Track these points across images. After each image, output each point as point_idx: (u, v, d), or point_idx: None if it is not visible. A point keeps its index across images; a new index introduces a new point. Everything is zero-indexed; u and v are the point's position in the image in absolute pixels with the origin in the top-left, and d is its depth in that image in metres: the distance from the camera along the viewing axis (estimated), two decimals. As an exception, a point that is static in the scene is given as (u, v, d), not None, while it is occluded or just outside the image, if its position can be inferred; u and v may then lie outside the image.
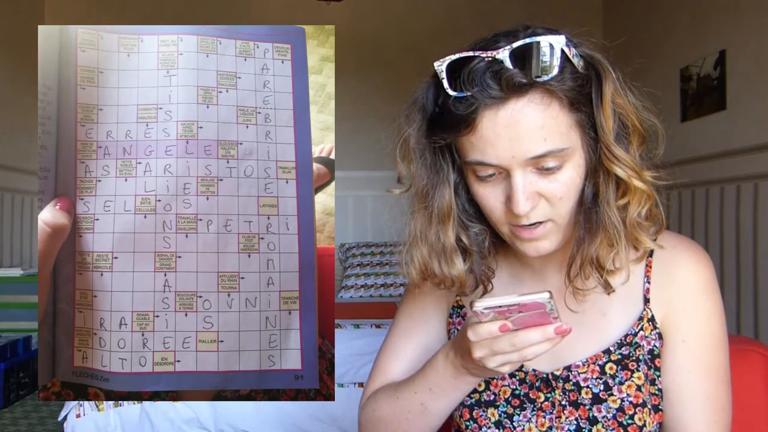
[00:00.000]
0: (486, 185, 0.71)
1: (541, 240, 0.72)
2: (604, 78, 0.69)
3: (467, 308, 0.85)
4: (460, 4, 4.14)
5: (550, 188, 0.69)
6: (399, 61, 4.11)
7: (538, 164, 0.68)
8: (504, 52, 0.66)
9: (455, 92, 0.68)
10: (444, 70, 0.69)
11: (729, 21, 2.79)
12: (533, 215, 0.69)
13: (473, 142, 0.68)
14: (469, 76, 0.67)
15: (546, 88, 0.66)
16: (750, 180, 2.62)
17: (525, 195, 0.68)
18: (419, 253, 0.77)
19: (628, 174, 0.69)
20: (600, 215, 0.71)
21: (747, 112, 2.64)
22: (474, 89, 0.66)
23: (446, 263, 0.76)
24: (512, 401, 0.79)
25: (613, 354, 0.77)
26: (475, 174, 0.71)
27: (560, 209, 0.70)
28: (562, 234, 0.73)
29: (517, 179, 0.68)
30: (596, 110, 0.69)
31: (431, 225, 0.76)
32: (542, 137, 0.66)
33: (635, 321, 0.77)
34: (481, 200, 0.73)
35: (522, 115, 0.66)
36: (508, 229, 0.72)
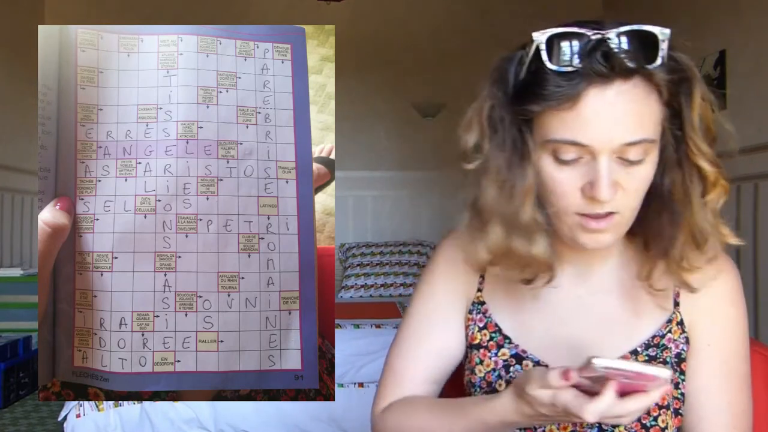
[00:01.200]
0: (564, 169, 0.68)
1: (605, 232, 0.70)
2: (694, 78, 0.68)
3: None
4: (460, 4, 4.14)
5: (627, 180, 0.67)
6: (399, 61, 4.11)
7: (624, 153, 0.66)
8: (613, 33, 0.64)
9: (556, 66, 0.65)
10: (544, 42, 0.66)
11: (729, 21, 2.79)
12: (609, 204, 0.68)
13: (567, 120, 0.66)
14: (575, 50, 0.65)
15: (649, 77, 0.65)
16: (750, 180, 2.62)
17: (610, 180, 0.66)
18: (495, 231, 0.73)
19: (714, 169, 0.69)
20: (686, 213, 0.71)
21: (747, 112, 2.64)
22: (582, 64, 0.64)
23: (528, 241, 0.72)
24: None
25: (641, 355, 0.76)
26: (555, 156, 0.68)
27: (632, 202, 0.69)
28: (623, 228, 0.72)
29: (603, 164, 0.66)
30: (686, 107, 0.68)
31: (511, 201, 0.71)
32: (639, 124, 0.65)
33: (664, 323, 0.77)
34: (555, 184, 0.69)
35: (626, 97, 0.65)
36: (572, 219, 0.70)
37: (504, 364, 0.80)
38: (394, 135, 4.16)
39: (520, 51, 0.71)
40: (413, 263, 3.61)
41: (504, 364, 0.80)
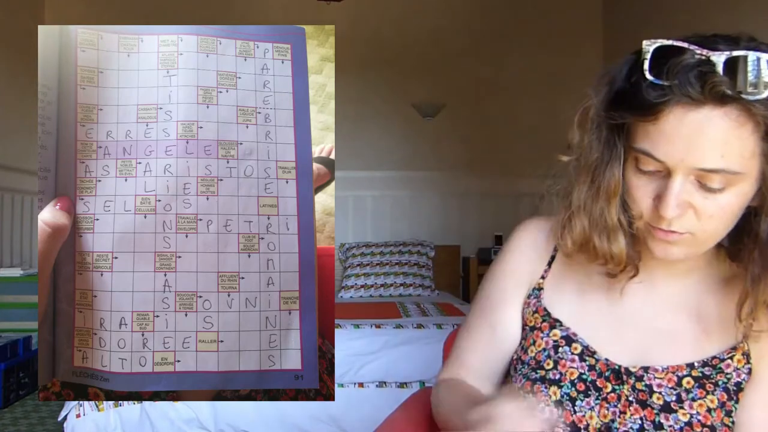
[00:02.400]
0: (642, 177, 0.70)
1: (673, 248, 0.71)
2: None
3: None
4: (459, 4, 4.14)
5: (704, 204, 0.67)
6: (399, 61, 4.11)
7: (702, 178, 0.66)
8: (720, 56, 0.62)
9: (653, 77, 0.65)
10: (650, 52, 0.66)
11: (729, 21, 2.79)
12: (675, 223, 0.68)
13: (649, 132, 0.66)
14: (674, 66, 0.64)
15: (747, 107, 0.62)
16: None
17: (676, 200, 0.66)
18: (580, 224, 0.77)
19: None
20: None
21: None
22: (673, 80, 0.63)
23: (608, 239, 0.75)
24: (577, 384, 0.78)
25: (695, 370, 0.76)
26: (636, 163, 0.70)
27: (706, 226, 0.69)
28: (697, 248, 0.71)
29: (675, 182, 0.66)
30: None
31: (597, 200, 0.75)
32: (720, 153, 0.63)
33: (728, 348, 0.76)
34: (632, 190, 0.71)
35: (711, 124, 0.63)
36: (643, 224, 0.72)
37: (554, 344, 0.81)
38: (394, 135, 4.16)
39: (633, 57, 0.71)
40: (413, 263, 3.61)
41: (554, 344, 0.81)
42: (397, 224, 4.13)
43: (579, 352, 0.80)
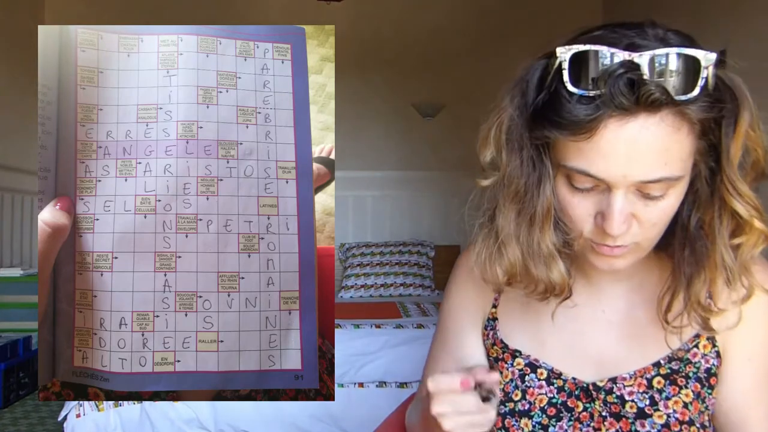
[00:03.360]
0: (577, 194, 0.65)
1: (618, 258, 0.67)
2: (742, 106, 0.62)
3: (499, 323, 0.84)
4: (459, 4, 4.14)
5: (646, 213, 0.63)
6: (399, 61, 4.11)
7: (643, 188, 0.62)
8: (644, 57, 0.59)
9: (577, 89, 0.60)
10: (567, 60, 0.61)
11: (729, 21, 2.79)
12: (621, 238, 0.64)
13: (583, 150, 0.61)
14: (598, 73, 0.59)
15: (680, 110, 0.59)
16: (750, 180, 2.62)
17: (622, 217, 0.62)
18: (513, 254, 0.69)
19: (749, 213, 0.64)
20: (710, 252, 0.66)
21: (747, 112, 2.63)
22: (603, 92, 0.58)
23: (546, 267, 0.69)
24: (548, 410, 0.76)
25: (663, 368, 0.74)
26: (569, 180, 0.65)
27: (650, 233, 0.66)
28: (640, 255, 0.69)
29: (617, 199, 0.62)
30: (726, 140, 0.62)
31: (530, 227, 0.68)
32: (663, 161, 0.60)
33: (690, 337, 0.74)
34: (568, 208, 0.66)
35: (649, 134, 0.59)
36: (585, 242, 0.67)
37: (520, 373, 0.79)
38: (394, 135, 4.16)
39: (543, 62, 0.66)
40: (413, 263, 3.61)
41: (520, 373, 0.79)
42: (397, 224, 4.13)
43: (545, 377, 0.77)
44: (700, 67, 0.59)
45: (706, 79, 0.59)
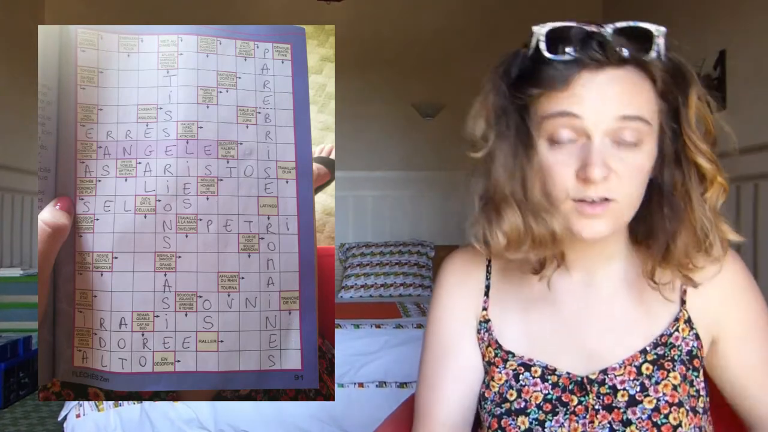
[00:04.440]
0: (559, 152, 0.70)
1: (599, 222, 0.70)
2: (690, 78, 0.72)
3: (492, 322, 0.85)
4: (460, 5, 4.14)
5: (622, 166, 0.69)
6: (399, 61, 4.11)
7: (618, 134, 0.69)
8: (607, 28, 0.69)
9: (553, 55, 0.69)
10: (543, 35, 0.71)
11: (729, 21, 2.79)
12: (602, 188, 0.69)
13: (560, 98, 0.69)
14: (571, 40, 0.69)
15: (643, 67, 0.69)
16: (750, 180, 2.62)
17: (600, 158, 0.68)
18: (511, 214, 0.73)
19: (711, 167, 0.72)
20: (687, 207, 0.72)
21: (747, 112, 2.64)
22: (577, 51, 0.68)
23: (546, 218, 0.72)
24: (544, 406, 0.78)
25: (649, 354, 0.77)
26: (551, 139, 0.71)
27: (627, 189, 0.70)
28: (618, 218, 0.72)
29: (596, 143, 0.68)
30: (682, 105, 0.71)
31: (524, 185, 0.73)
32: (631, 102, 0.69)
33: (671, 321, 0.78)
34: (551, 169, 0.71)
35: (616, 82, 0.69)
36: (568, 205, 0.71)
37: (514, 374, 0.80)
38: (394, 135, 4.16)
39: (521, 50, 0.74)
40: (413, 263, 3.61)
41: (514, 373, 0.80)
42: (397, 224, 4.13)
43: (540, 375, 0.79)
44: (654, 37, 0.70)
45: (659, 47, 0.70)
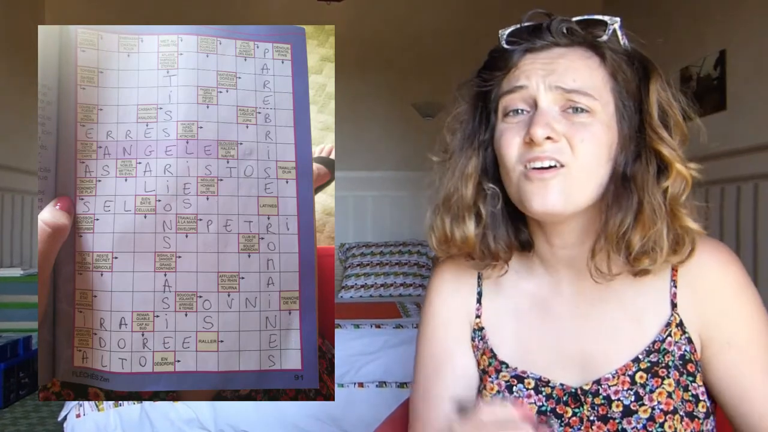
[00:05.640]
0: (511, 125, 0.74)
1: (550, 190, 0.70)
2: (651, 68, 0.74)
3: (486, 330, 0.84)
4: (460, 4, 4.14)
5: (573, 129, 0.70)
6: (399, 61, 4.11)
7: (566, 103, 0.71)
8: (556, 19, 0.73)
9: (508, 45, 0.74)
10: (504, 35, 0.76)
11: (729, 21, 2.79)
12: (549, 147, 0.70)
13: (510, 78, 0.74)
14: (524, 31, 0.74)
15: (591, 44, 0.73)
16: (750, 180, 2.62)
17: (544, 120, 0.70)
18: (440, 220, 0.80)
19: (671, 154, 0.71)
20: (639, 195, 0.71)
21: (747, 112, 2.64)
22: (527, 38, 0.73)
23: (459, 223, 0.78)
24: (538, 418, 0.77)
25: (642, 362, 0.75)
26: (505, 111, 0.74)
27: (579, 156, 0.70)
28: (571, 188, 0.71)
29: (541, 104, 0.71)
30: (644, 95, 0.73)
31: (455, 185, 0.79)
32: (576, 74, 0.71)
33: (663, 327, 0.75)
34: (502, 139, 0.74)
35: (562, 57, 0.72)
36: (517, 172, 0.72)
37: (507, 385, 0.80)
38: (394, 135, 4.16)
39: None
40: (413, 263, 3.61)
41: (507, 384, 0.80)
42: (397, 224, 4.13)
43: (533, 386, 0.78)
44: (607, 24, 0.73)
45: (613, 30, 0.73)
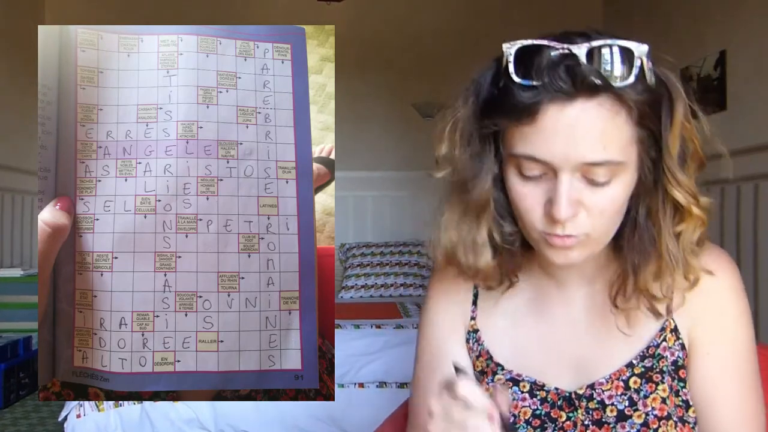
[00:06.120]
0: (527, 184, 0.68)
1: (571, 254, 0.69)
2: (676, 99, 0.66)
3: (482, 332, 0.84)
4: (460, 4, 4.14)
5: (594, 200, 0.65)
6: (399, 61, 4.11)
7: (588, 173, 0.64)
8: (581, 48, 0.62)
9: (521, 79, 0.64)
10: (512, 54, 0.65)
11: (729, 21, 2.79)
12: (570, 226, 0.66)
13: (527, 135, 0.64)
14: (539, 64, 0.63)
15: (617, 95, 0.63)
16: (750, 180, 2.62)
17: (568, 200, 0.64)
18: (447, 239, 0.75)
19: (688, 201, 0.67)
20: (656, 239, 0.69)
21: (747, 112, 2.64)
22: (544, 79, 0.62)
23: (473, 254, 0.74)
24: (533, 422, 0.77)
25: (636, 367, 0.74)
26: (519, 170, 0.68)
27: (598, 223, 0.67)
28: (594, 248, 0.70)
29: (563, 182, 0.64)
30: (664, 130, 0.66)
31: (465, 216, 0.74)
32: (602, 145, 0.63)
33: (657, 332, 0.75)
34: (519, 199, 0.69)
35: (587, 116, 0.62)
36: (538, 234, 0.69)
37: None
38: (394, 135, 4.16)
39: (494, 64, 0.70)
40: (413, 263, 3.61)
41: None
42: (397, 224, 4.13)
43: (528, 390, 0.78)
44: (634, 56, 0.63)
45: (640, 68, 0.63)
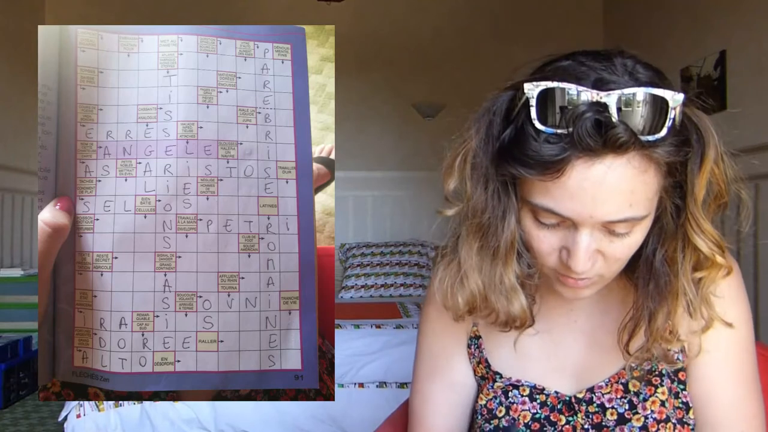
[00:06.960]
0: (543, 229, 0.65)
1: (584, 289, 0.69)
2: (708, 144, 0.62)
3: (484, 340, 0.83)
4: (460, 4, 4.14)
5: (612, 249, 0.64)
6: (399, 61, 4.11)
7: (609, 226, 0.62)
8: (612, 97, 0.58)
9: (545, 127, 0.59)
10: (534, 98, 0.60)
11: (729, 21, 2.79)
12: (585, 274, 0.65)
13: (549, 188, 0.61)
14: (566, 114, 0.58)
15: (647, 152, 0.59)
16: (750, 180, 2.62)
17: (587, 254, 0.63)
18: (473, 285, 0.70)
19: (711, 250, 0.65)
20: (673, 285, 0.68)
21: (747, 112, 2.64)
22: (570, 132, 0.58)
23: (507, 300, 0.70)
24: (532, 426, 0.77)
25: (636, 370, 0.74)
26: (535, 216, 0.65)
27: (614, 267, 0.67)
28: (604, 284, 0.69)
29: (583, 237, 0.62)
30: (691, 176, 0.63)
31: (493, 260, 0.69)
32: (629, 203, 0.60)
33: None
34: (534, 242, 0.66)
35: (615, 175, 0.59)
36: (551, 271, 0.68)
37: (503, 390, 0.80)
38: (394, 135, 4.16)
39: (510, 93, 0.66)
40: (413, 263, 3.61)
41: (502, 391, 0.80)
42: (397, 224, 4.13)
43: (528, 393, 0.78)
44: (668, 107, 0.58)
45: (673, 120, 0.59)
